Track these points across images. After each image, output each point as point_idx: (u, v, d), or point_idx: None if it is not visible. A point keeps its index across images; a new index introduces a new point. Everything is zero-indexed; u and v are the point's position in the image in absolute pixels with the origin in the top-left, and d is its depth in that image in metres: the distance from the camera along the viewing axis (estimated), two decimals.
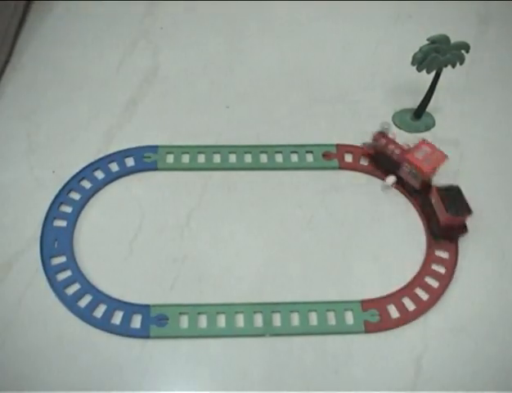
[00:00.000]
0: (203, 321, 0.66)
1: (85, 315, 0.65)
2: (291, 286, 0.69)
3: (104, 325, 0.65)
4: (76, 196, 0.75)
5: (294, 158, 0.80)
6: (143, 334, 0.65)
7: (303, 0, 0.99)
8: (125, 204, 0.75)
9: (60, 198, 0.74)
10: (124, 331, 0.65)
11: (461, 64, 0.76)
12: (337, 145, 0.81)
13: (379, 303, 0.68)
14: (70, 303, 0.66)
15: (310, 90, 0.88)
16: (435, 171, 0.72)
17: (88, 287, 0.67)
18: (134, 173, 0.78)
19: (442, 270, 0.70)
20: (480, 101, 0.88)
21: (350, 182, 0.78)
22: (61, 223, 0.72)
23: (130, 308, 0.66)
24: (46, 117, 0.82)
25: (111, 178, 0.77)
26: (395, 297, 0.68)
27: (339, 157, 0.80)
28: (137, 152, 0.79)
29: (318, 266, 0.71)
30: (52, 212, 0.73)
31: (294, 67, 0.91)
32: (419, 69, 0.75)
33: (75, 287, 0.67)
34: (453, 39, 0.73)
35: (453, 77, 0.79)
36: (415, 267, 0.71)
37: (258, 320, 0.66)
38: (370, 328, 0.66)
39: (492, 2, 1.01)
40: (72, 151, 0.79)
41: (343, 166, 0.79)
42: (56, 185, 0.75)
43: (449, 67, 0.76)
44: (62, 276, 0.68)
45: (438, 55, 0.74)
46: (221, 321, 0.66)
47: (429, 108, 0.83)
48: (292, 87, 0.88)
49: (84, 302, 0.66)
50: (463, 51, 0.75)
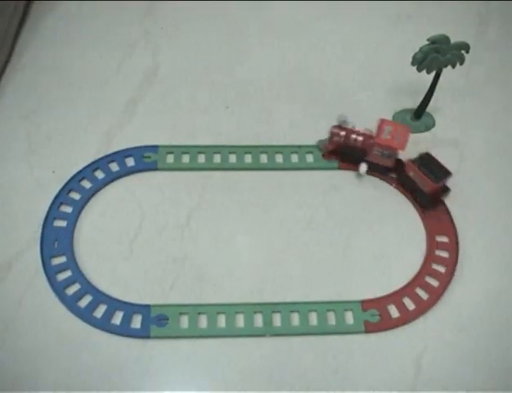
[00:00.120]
0: (203, 321, 0.66)
1: (85, 315, 0.65)
2: (291, 286, 0.69)
3: (104, 325, 0.65)
4: (76, 196, 0.75)
5: (294, 158, 0.80)
6: (143, 334, 0.65)
7: (303, 0, 0.99)
8: (125, 204, 0.75)
9: (60, 198, 0.74)
10: (124, 331, 0.65)
11: (461, 64, 0.76)
12: None
13: (379, 303, 0.68)
14: (70, 303, 0.66)
15: (310, 90, 0.88)
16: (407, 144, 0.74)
17: (88, 287, 0.67)
18: (134, 173, 0.78)
19: (443, 269, 0.70)
20: (480, 101, 0.88)
21: (350, 182, 0.78)
22: (61, 223, 0.72)
23: (130, 308, 0.66)
24: (46, 117, 0.82)
25: (111, 178, 0.77)
26: (395, 297, 0.68)
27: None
28: (137, 152, 0.79)
29: (318, 266, 0.71)
30: (52, 212, 0.73)
31: (294, 67, 0.91)
32: (419, 69, 0.75)
33: (75, 287, 0.67)
34: (453, 39, 0.73)
35: (453, 77, 0.79)
36: (415, 267, 0.71)
37: (258, 320, 0.66)
38: (370, 328, 0.66)
39: (492, 2, 1.01)
40: (72, 151, 0.79)
41: (343, 166, 0.79)
42: (56, 185, 0.75)
43: (449, 67, 0.76)
44: (62, 276, 0.68)
45: (438, 55, 0.74)
46: (221, 321, 0.66)
47: (429, 108, 0.83)
48: (292, 87, 0.88)
49: (84, 302, 0.66)
50: (463, 51, 0.75)
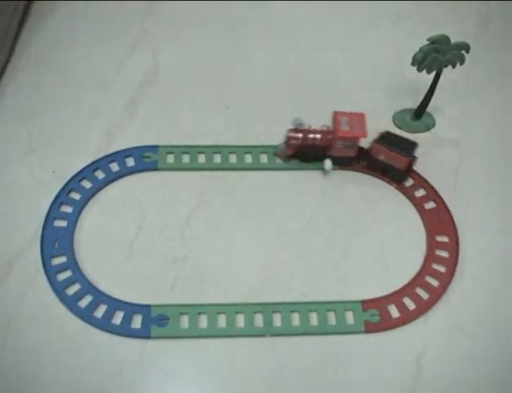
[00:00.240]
0: (203, 321, 0.66)
1: (85, 315, 0.66)
2: (291, 286, 0.69)
3: (104, 325, 0.65)
4: (76, 196, 0.75)
5: None
6: (144, 334, 0.65)
7: (303, 0, 0.99)
8: (125, 204, 0.75)
9: (60, 198, 0.74)
10: (125, 331, 0.65)
11: (461, 64, 0.76)
12: None
13: (379, 303, 0.68)
14: (71, 303, 0.66)
15: (310, 90, 0.88)
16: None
17: (89, 287, 0.67)
18: (134, 173, 0.78)
19: (443, 269, 0.70)
20: (480, 101, 0.88)
21: (350, 182, 0.78)
22: (62, 223, 0.72)
23: (130, 308, 0.66)
24: (46, 117, 0.82)
25: (111, 178, 0.77)
26: (395, 297, 0.68)
27: None
28: (138, 152, 0.79)
29: (318, 266, 0.71)
30: (53, 212, 0.73)
31: (294, 67, 0.91)
32: (419, 69, 0.75)
33: (76, 287, 0.67)
34: (453, 39, 0.73)
35: (453, 77, 0.79)
36: (416, 266, 0.71)
37: (259, 320, 0.66)
38: (370, 328, 0.66)
39: (492, 2, 1.01)
40: (72, 151, 0.79)
41: (342, 166, 0.79)
42: (57, 185, 0.75)
43: (449, 67, 0.76)
44: (62, 276, 0.68)
45: (438, 55, 0.74)
46: (221, 321, 0.66)
47: (429, 108, 0.83)
48: (292, 87, 0.88)
49: (85, 302, 0.66)
50: (463, 51, 0.75)
